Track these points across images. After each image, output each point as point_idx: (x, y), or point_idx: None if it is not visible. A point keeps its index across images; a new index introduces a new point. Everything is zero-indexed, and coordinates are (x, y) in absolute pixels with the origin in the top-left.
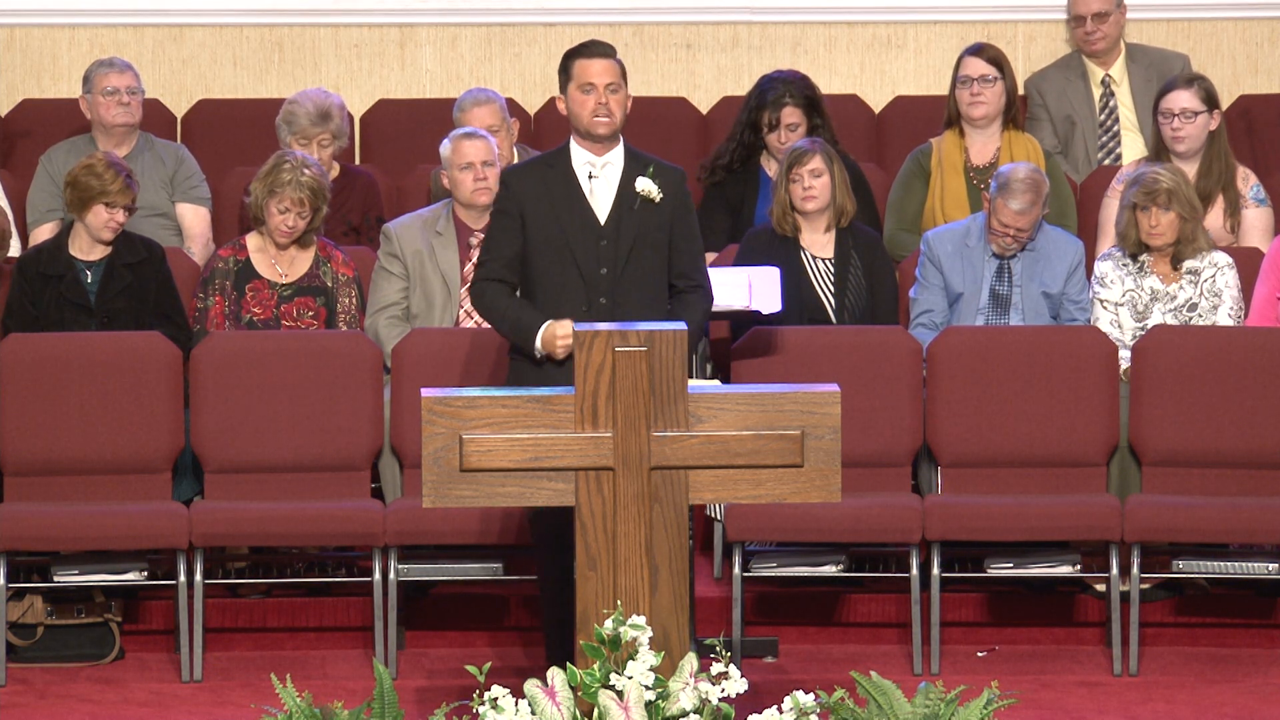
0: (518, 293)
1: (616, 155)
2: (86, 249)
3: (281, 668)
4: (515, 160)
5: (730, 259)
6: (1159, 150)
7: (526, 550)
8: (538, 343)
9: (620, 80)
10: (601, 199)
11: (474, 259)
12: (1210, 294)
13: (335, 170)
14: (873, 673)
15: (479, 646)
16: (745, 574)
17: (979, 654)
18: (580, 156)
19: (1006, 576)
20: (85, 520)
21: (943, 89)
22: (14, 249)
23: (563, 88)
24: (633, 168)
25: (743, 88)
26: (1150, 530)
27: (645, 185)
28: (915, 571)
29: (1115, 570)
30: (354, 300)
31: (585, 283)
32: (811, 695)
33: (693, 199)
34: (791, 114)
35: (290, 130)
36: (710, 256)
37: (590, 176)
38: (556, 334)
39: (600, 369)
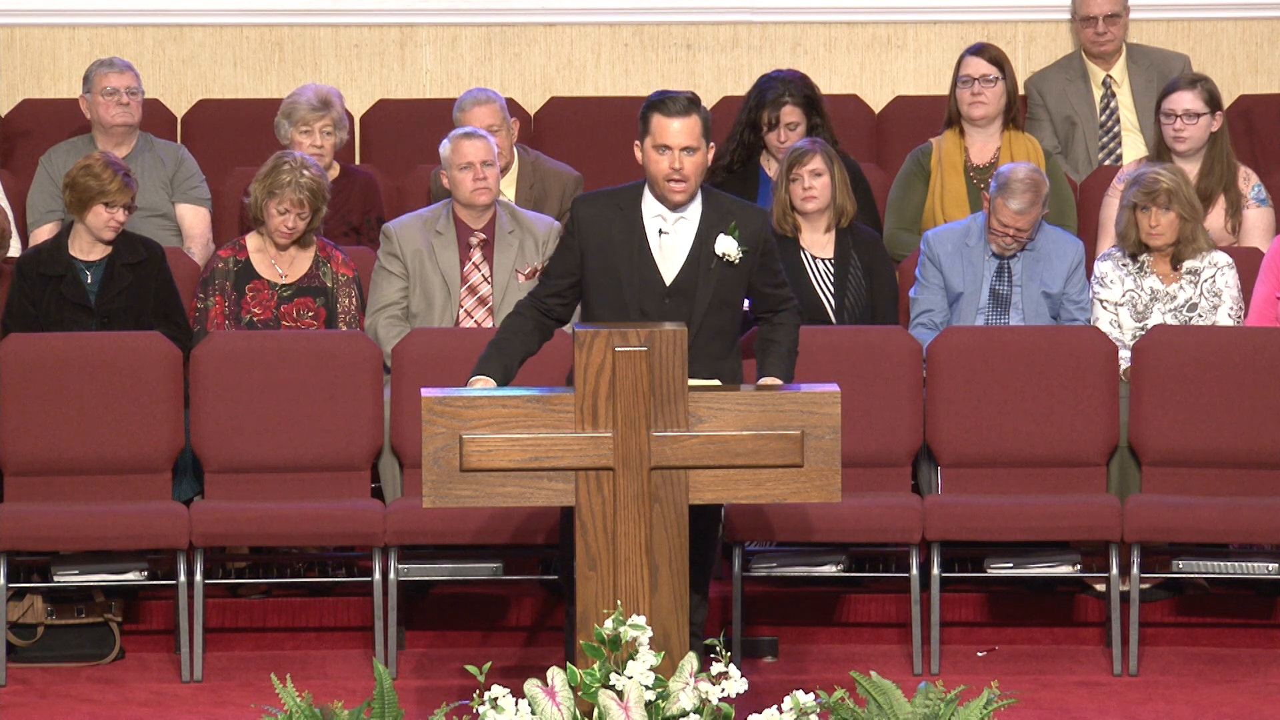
0: (570, 321)
1: (693, 208)
2: (86, 249)
3: (281, 668)
4: (515, 160)
5: None
6: (1160, 150)
7: (527, 550)
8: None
9: (700, 139)
10: (671, 256)
11: (474, 259)
12: (1210, 294)
13: (335, 170)
14: (873, 673)
15: (479, 646)
16: (745, 574)
17: (979, 654)
18: (652, 208)
19: (1006, 576)
20: (85, 520)
21: (943, 89)
22: (14, 249)
23: (640, 135)
24: (712, 220)
25: (743, 88)
26: (1150, 530)
27: (726, 247)
28: (915, 571)
29: (1115, 570)
30: (354, 300)
31: None
32: (811, 695)
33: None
34: (791, 113)
35: (291, 121)
36: None
37: (660, 232)
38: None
39: (600, 369)
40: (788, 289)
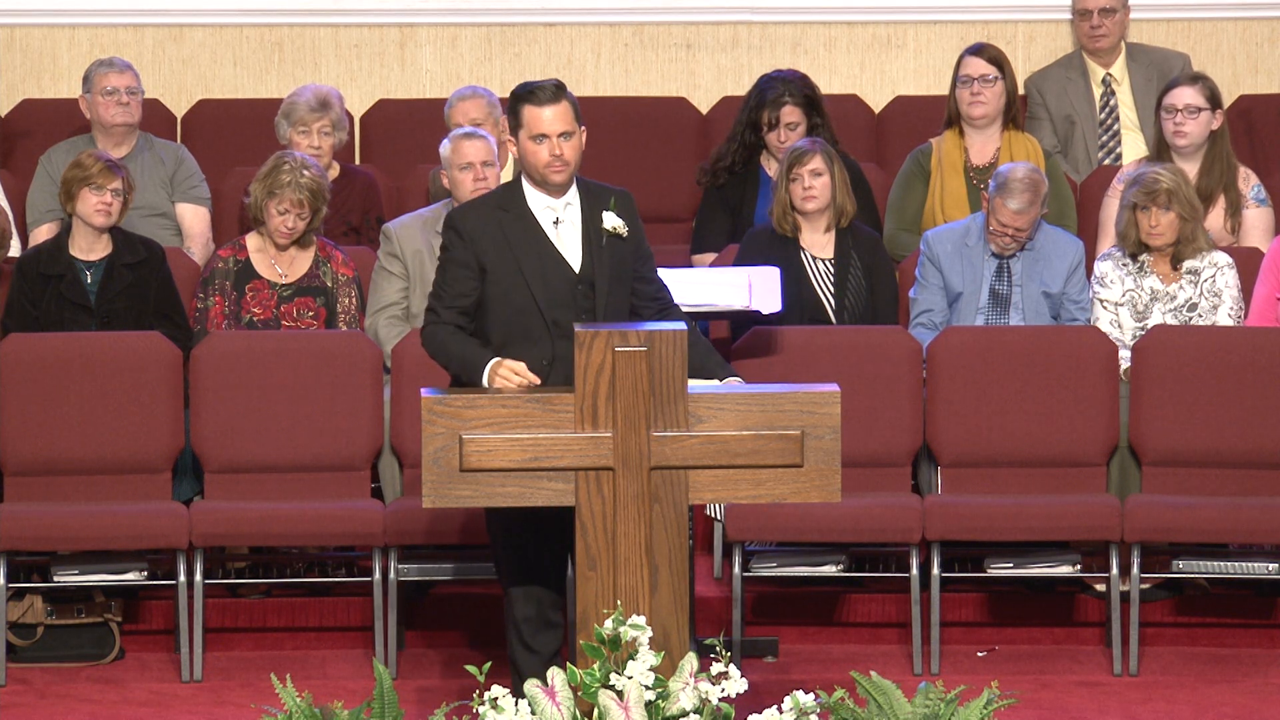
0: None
1: (573, 193)
2: (86, 249)
3: (281, 668)
4: (510, 157)
5: (730, 259)
6: (1160, 150)
7: None
8: (484, 378)
9: (574, 123)
10: (569, 242)
11: None
12: (1210, 294)
13: (335, 170)
14: (873, 673)
15: (479, 646)
16: (745, 574)
17: (979, 654)
18: (539, 200)
19: (1006, 576)
20: (85, 520)
21: (943, 89)
22: (14, 249)
23: (513, 129)
24: (591, 202)
25: (743, 88)
26: (1150, 530)
27: (613, 221)
28: (915, 571)
29: (1115, 570)
30: (354, 300)
31: (558, 331)
32: (811, 695)
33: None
34: (791, 113)
35: (290, 121)
36: (710, 257)
37: (556, 222)
38: (502, 371)
39: (600, 369)
40: (667, 288)
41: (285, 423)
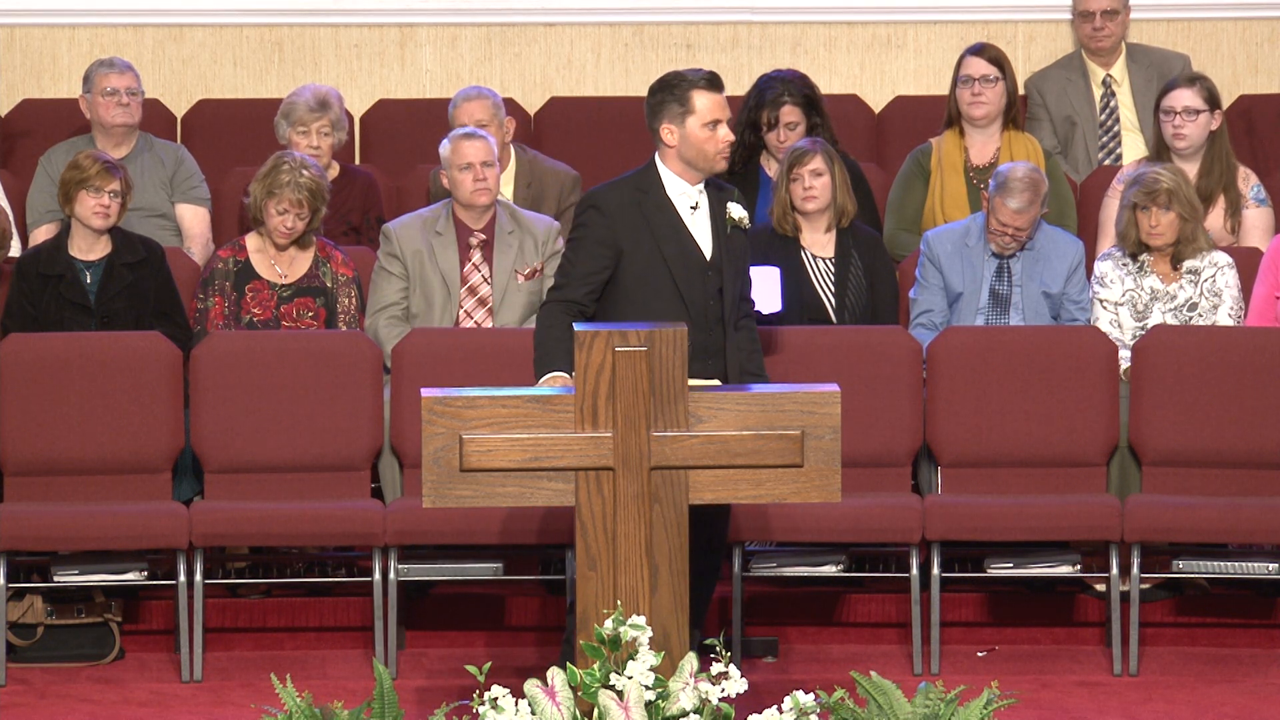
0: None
1: (701, 183)
2: (86, 249)
3: (281, 668)
4: (512, 159)
5: None
6: (1159, 150)
7: (527, 550)
8: (538, 381)
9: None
10: (701, 229)
11: (474, 259)
12: (1210, 294)
13: (335, 170)
14: (873, 673)
15: (479, 646)
16: (745, 574)
17: (979, 654)
18: (676, 186)
19: (1006, 576)
20: (85, 520)
21: (943, 89)
22: (14, 249)
23: (673, 116)
24: (715, 195)
25: (743, 88)
26: (1150, 530)
27: (739, 212)
28: (915, 571)
29: (1115, 570)
30: (354, 300)
31: (692, 315)
32: (811, 695)
33: None
34: (790, 113)
35: (289, 121)
36: None
37: (693, 208)
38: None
39: (600, 369)
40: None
41: (285, 423)
